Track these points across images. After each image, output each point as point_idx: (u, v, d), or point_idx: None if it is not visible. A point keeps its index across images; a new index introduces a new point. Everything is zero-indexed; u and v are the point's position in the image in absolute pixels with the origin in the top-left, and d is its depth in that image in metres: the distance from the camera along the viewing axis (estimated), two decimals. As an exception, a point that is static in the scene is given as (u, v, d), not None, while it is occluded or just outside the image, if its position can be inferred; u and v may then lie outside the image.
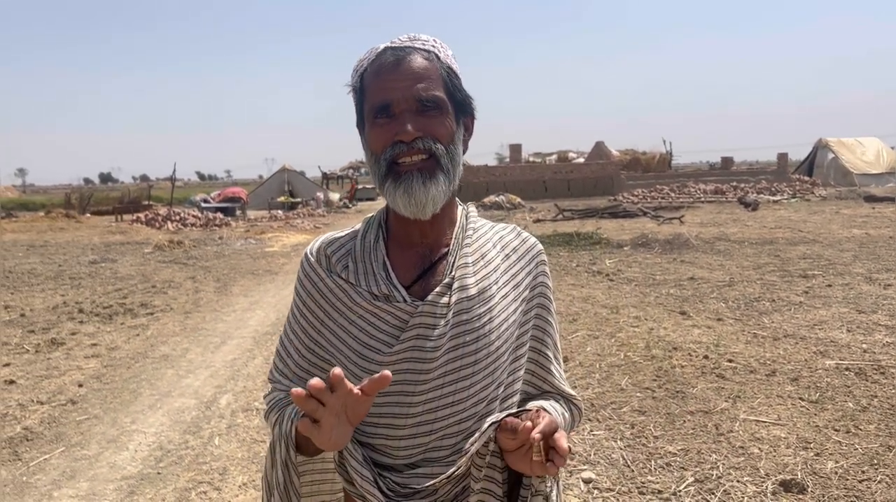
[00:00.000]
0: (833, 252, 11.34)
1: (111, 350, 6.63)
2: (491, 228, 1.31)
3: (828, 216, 18.00)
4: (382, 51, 1.18)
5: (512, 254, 1.28)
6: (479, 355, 1.18)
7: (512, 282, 1.26)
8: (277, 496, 1.20)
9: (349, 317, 1.21)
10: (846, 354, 5.53)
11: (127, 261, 13.42)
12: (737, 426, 4.13)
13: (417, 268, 1.23)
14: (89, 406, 5.07)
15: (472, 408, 1.19)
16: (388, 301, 1.19)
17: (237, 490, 3.68)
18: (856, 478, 3.40)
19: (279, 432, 1.18)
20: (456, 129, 1.19)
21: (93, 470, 3.99)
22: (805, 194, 25.80)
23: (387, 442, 1.20)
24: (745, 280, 9.13)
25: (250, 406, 4.96)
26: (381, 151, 1.16)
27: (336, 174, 43.80)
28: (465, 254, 1.22)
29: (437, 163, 1.15)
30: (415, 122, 1.13)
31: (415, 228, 1.23)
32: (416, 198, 1.14)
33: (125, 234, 19.21)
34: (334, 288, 1.23)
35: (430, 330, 1.16)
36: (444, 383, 1.17)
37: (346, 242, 1.28)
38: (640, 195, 27.68)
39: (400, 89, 1.14)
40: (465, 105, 1.22)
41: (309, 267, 1.27)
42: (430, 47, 1.19)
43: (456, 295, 1.17)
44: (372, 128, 1.18)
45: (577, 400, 1.33)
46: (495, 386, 1.21)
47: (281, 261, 13.33)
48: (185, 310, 8.50)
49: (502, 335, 1.21)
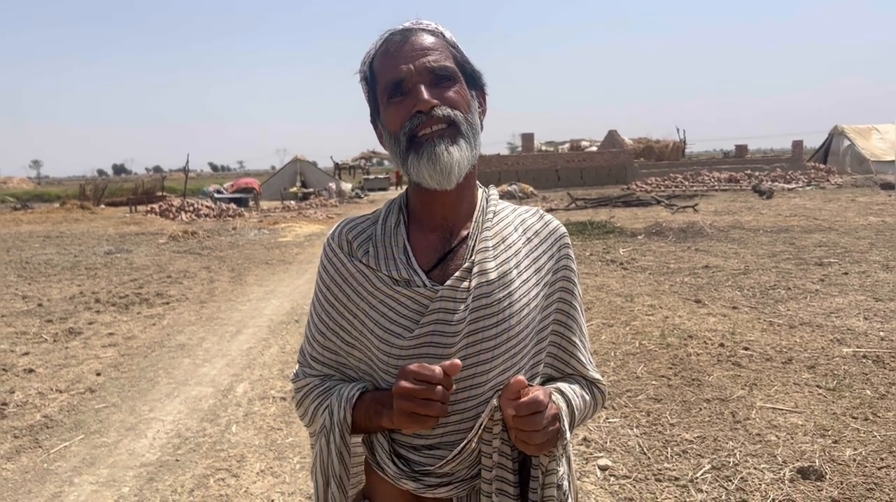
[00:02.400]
0: (849, 240, 11.25)
1: (128, 339, 6.68)
2: (513, 211, 1.31)
3: (843, 204, 17.84)
4: (388, 34, 1.20)
5: (534, 237, 1.28)
6: (499, 339, 1.18)
7: (534, 265, 1.25)
8: (335, 485, 1.21)
9: (370, 301, 1.21)
10: (863, 342, 5.49)
11: (142, 251, 13.50)
12: (753, 414, 4.12)
13: (438, 252, 1.23)
14: (107, 394, 5.11)
15: (490, 392, 1.18)
16: (409, 285, 1.19)
17: (255, 476, 3.70)
18: (874, 466, 3.38)
19: (332, 420, 1.19)
20: (472, 99, 1.20)
21: (112, 457, 4.03)
22: (820, 182, 25.59)
23: None
24: (761, 268, 9.08)
25: (266, 394, 4.99)
26: (399, 128, 1.16)
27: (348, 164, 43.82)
28: (486, 238, 1.22)
29: (457, 130, 1.15)
30: (430, 92, 1.14)
31: (436, 209, 1.23)
32: (441, 164, 1.13)
33: (139, 225, 19.32)
34: (356, 272, 1.23)
35: (450, 314, 1.16)
36: (464, 366, 1.17)
37: (367, 227, 1.28)
38: (654, 183, 27.53)
39: (410, 62, 1.15)
40: (475, 78, 1.23)
41: (331, 251, 1.28)
42: (434, 28, 1.21)
43: (476, 279, 1.17)
44: (388, 108, 1.18)
45: (601, 385, 1.33)
46: (515, 369, 1.20)
47: (294, 250, 13.37)
48: (201, 300, 8.56)
49: (524, 320, 1.20)
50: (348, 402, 1.18)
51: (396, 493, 1.21)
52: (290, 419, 4.49)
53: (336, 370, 1.29)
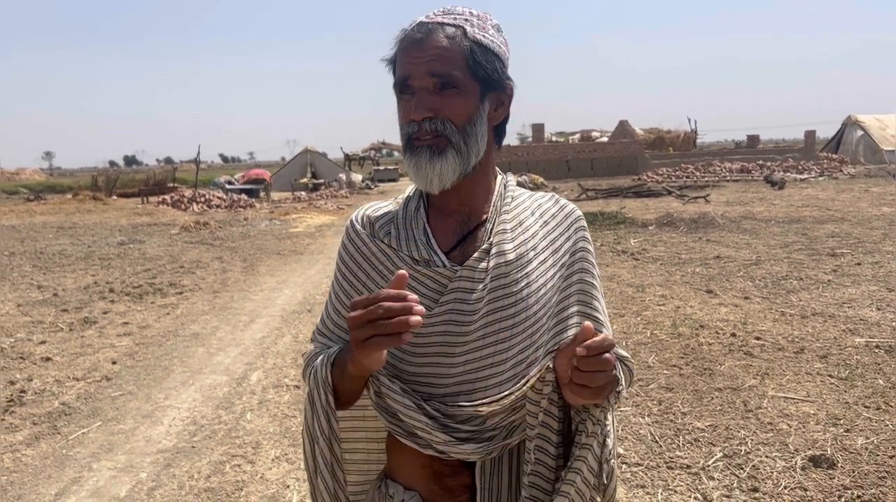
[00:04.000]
0: (862, 230, 11.19)
1: (142, 328, 6.75)
2: (529, 197, 1.34)
3: (856, 194, 17.72)
4: (414, 25, 1.21)
5: (550, 220, 1.31)
6: (518, 319, 1.21)
7: (550, 247, 1.28)
8: (323, 443, 1.21)
9: (390, 279, 1.24)
10: (876, 332, 5.48)
11: (154, 241, 13.59)
12: (765, 403, 4.13)
13: (457, 235, 1.26)
14: (123, 382, 5.18)
15: (511, 370, 1.21)
16: (428, 265, 1.22)
17: (270, 463, 3.75)
18: (886, 454, 3.39)
19: (315, 380, 1.20)
20: (477, 108, 1.20)
21: (129, 444, 4.09)
22: (833, 172, 25.42)
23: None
24: (772, 259, 9.06)
25: (280, 382, 5.04)
26: (404, 125, 1.22)
27: (358, 155, 43.86)
28: (504, 221, 1.25)
29: (448, 142, 1.18)
30: (429, 101, 1.16)
31: (452, 197, 1.26)
32: (422, 173, 1.19)
33: (151, 216, 19.42)
34: (377, 252, 1.27)
35: (468, 293, 1.20)
36: (484, 345, 1.20)
37: (389, 210, 1.32)
38: (665, 174, 27.43)
39: (416, 66, 1.17)
40: (491, 81, 1.21)
41: (353, 231, 1.32)
42: (459, 22, 1.20)
43: (494, 260, 1.21)
44: (398, 102, 1.23)
45: (629, 362, 1.35)
46: (534, 348, 1.23)
47: (306, 241, 13.43)
48: (214, 290, 8.62)
49: (541, 300, 1.24)
50: (328, 358, 1.20)
51: (419, 466, 1.24)
52: (304, 407, 4.54)
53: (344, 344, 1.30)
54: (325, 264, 10.47)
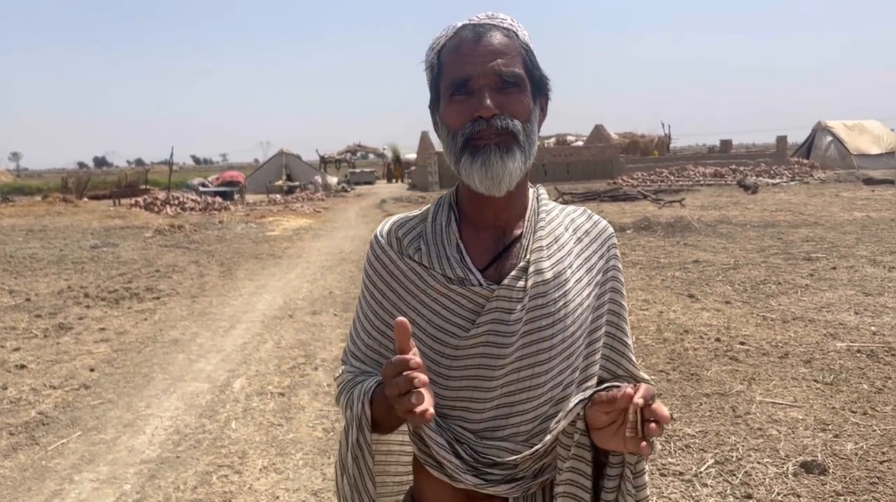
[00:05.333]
0: (835, 235, 11.35)
1: (120, 334, 6.62)
2: (561, 211, 1.30)
3: (828, 199, 18.00)
4: (461, 27, 1.18)
5: (584, 237, 1.27)
6: (555, 340, 1.17)
7: (585, 265, 1.24)
8: (346, 479, 1.20)
9: (422, 299, 1.20)
10: (856, 336, 5.54)
11: (128, 245, 13.37)
12: (754, 408, 4.15)
13: (491, 251, 1.21)
14: (102, 390, 5.06)
15: (548, 393, 1.18)
16: (463, 284, 1.17)
17: (258, 473, 3.68)
18: (876, 460, 3.42)
19: (352, 414, 1.17)
20: (533, 108, 1.18)
21: (111, 454, 3.99)
22: (804, 177, 25.81)
23: (464, 426, 1.19)
24: (750, 263, 9.14)
25: (265, 390, 4.96)
26: (458, 128, 1.15)
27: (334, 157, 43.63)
28: (540, 238, 1.21)
29: (514, 140, 1.14)
30: (494, 98, 1.12)
31: (488, 209, 1.21)
32: (493, 172, 1.12)
33: (124, 219, 19.12)
34: (406, 270, 1.22)
35: (507, 314, 1.15)
36: (521, 367, 1.16)
37: (416, 224, 1.27)
38: (640, 178, 27.65)
39: (479, 64, 1.12)
40: (541, 84, 1.20)
41: (379, 249, 1.26)
42: (508, 25, 1.18)
43: (532, 279, 1.16)
44: (449, 105, 1.17)
45: (651, 385, 1.32)
46: (570, 370, 1.20)
47: (284, 245, 13.30)
48: (192, 295, 8.49)
49: (577, 320, 1.20)
50: (366, 395, 1.16)
51: (449, 493, 1.20)
52: (290, 415, 4.47)
53: (377, 369, 1.27)
54: (304, 268, 10.38)
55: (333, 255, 11.64)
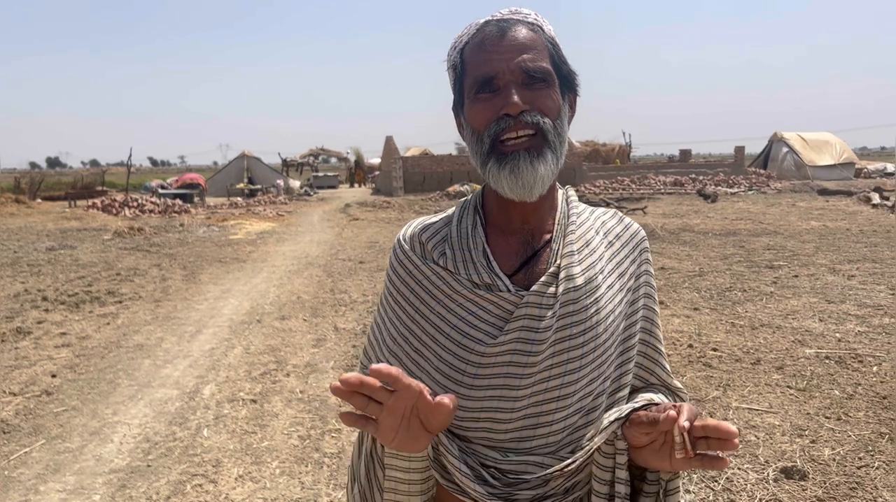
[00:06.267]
0: (795, 243, 11.60)
1: (82, 339, 6.42)
2: (591, 213, 1.26)
3: (785, 208, 18.40)
4: (484, 23, 1.13)
5: (615, 241, 1.23)
6: (587, 348, 1.13)
7: (617, 270, 1.20)
8: (357, 488, 1.16)
9: (448, 305, 1.15)
10: (823, 343, 5.64)
11: (87, 247, 13.03)
12: (730, 414, 4.18)
13: (519, 256, 1.17)
14: (66, 397, 4.89)
15: (578, 403, 1.14)
16: (490, 290, 1.13)
17: (234, 482, 3.58)
18: (854, 465, 3.47)
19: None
20: (562, 104, 1.13)
21: (78, 464, 3.85)
22: (761, 187, 26.35)
23: (489, 436, 1.14)
24: (715, 270, 9.28)
25: (236, 396, 4.85)
26: (483, 128, 1.10)
27: (296, 161, 43.23)
28: (570, 242, 1.17)
29: (544, 140, 1.09)
30: (521, 94, 1.07)
31: (516, 213, 1.17)
32: (523, 179, 1.07)
33: (81, 221, 18.64)
34: (431, 275, 1.17)
35: (537, 321, 1.10)
36: (551, 376, 1.12)
37: (440, 228, 1.22)
38: (602, 186, 27.94)
39: (505, 60, 1.08)
40: (570, 80, 1.16)
41: (402, 254, 1.21)
42: (532, 19, 1.14)
43: (563, 285, 1.12)
44: (474, 104, 1.11)
45: (684, 393, 1.29)
46: (602, 380, 1.16)
47: (247, 248, 13.09)
48: (155, 299, 8.29)
49: (609, 327, 1.16)
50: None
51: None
52: (264, 422, 4.37)
53: None
54: (269, 273, 10.22)
55: (299, 260, 11.49)
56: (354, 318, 7.01)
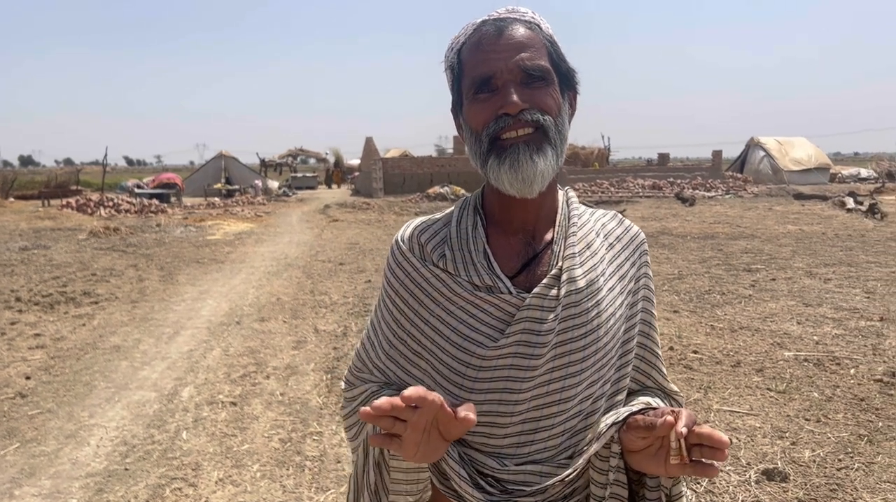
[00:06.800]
0: (772, 247, 11.72)
1: (57, 340, 6.31)
2: (591, 215, 1.25)
3: (761, 212, 18.61)
4: (481, 23, 1.12)
5: (616, 243, 1.22)
6: (588, 351, 1.12)
7: (617, 273, 1.19)
8: (367, 497, 1.13)
9: (447, 307, 1.13)
10: (801, 346, 5.70)
11: (61, 247, 12.83)
12: (712, 416, 4.21)
13: (520, 258, 1.16)
14: (41, 399, 4.80)
15: (578, 406, 1.13)
16: (492, 292, 1.11)
17: (214, 486, 3.53)
18: (833, 466, 3.50)
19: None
20: (562, 103, 1.12)
21: (54, 467, 3.78)
22: (738, 191, 26.62)
23: (488, 441, 1.13)
24: (693, 273, 9.34)
25: (215, 399, 4.78)
26: (482, 128, 1.09)
27: (275, 161, 42.96)
28: (572, 244, 1.15)
29: (544, 136, 1.08)
30: (520, 93, 1.06)
31: (516, 213, 1.15)
32: (523, 173, 1.06)
33: (55, 220, 18.35)
34: (430, 277, 1.15)
35: (539, 324, 1.09)
36: (551, 380, 1.11)
37: (439, 229, 1.20)
38: (581, 189, 28.07)
39: (503, 59, 1.07)
40: (569, 77, 1.14)
41: (401, 255, 1.19)
42: (530, 18, 1.13)
43: (565, 287, 1.11)
44: (472, 104, 1.10)
45: (680, 397, 1.28)
46: (602, 383, 1.15)
47: (226, 249, 12.97)
48: (132, 300, 8.17)
49: (610, 330, 1.15)
50: None
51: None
52: (244, 425, 4.32)
53: (397, 380, 1.20)
54: (248, 274, 10.13)
55: (278, 261, 11.40)
56: (335, 320, 6.97)
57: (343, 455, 3.86)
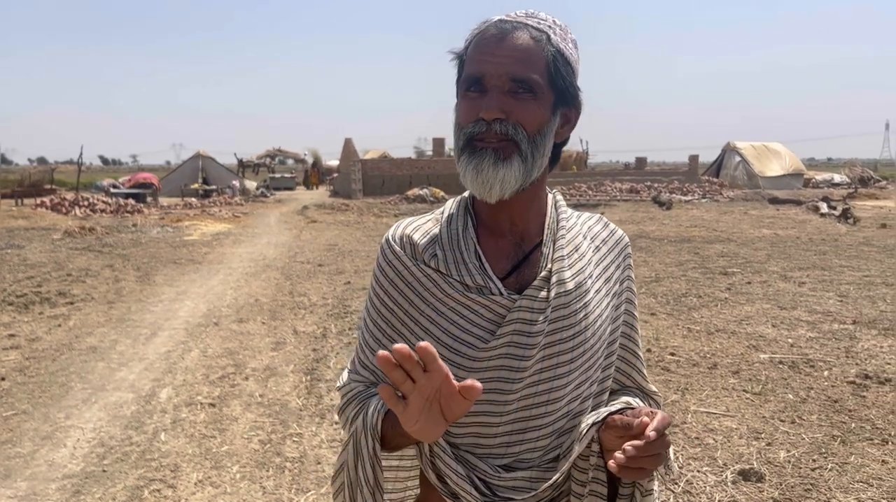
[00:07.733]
0: (748, 250, 11.87)
1: (32, 341, 6.23)
2: (578, 218, 1.27)
3: (737, 216, 18.84)
4: (491, 24, 1.12)
5: (602, 246, 1.25)
6: (576, 353, 1.14)
7: (604, 275, 1.22)
8: (368, 492, 1.13)
9: (438, 308, 1.14)
10: (776, 348, 5.78)
11: (35, 247, 12.66)
12: (689, 417, 4.26)
13: (511, 259, 1.17)
14: (15, 400, 4.74)
15: (566, 407, 1.15)
16: (483, 293, 1.13)
17: (193, 487, 3.51)
18: (808, 467, 3.56)
19: (364, 425, 1.11)
20: (549, 119, 1.11)
21: (29, 469, 3.73)
22: (714, 195, 26.92)
23: (478, 441, 1.15)
24: (670, 276, 9.44)
25: (193, 400, 4.75)
26: (465, 124, 1.11)
27: (253, 162, 42.70)
28: (561, 247, 1.17)
29: (515, 148, 1.08)
30: (504, 102, 1.07)
31: (503, 214, 1.17)
32: (482, 177, 1.08)
33: (29, 220, 18.09)
34: (421, 277, 1.16)
35: (529, 325, 1.11)
36: (540, 380, 1.13)
37: (430, 229, 1.21)
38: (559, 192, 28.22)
39: (494, 65, 1.07)
40: (566, 94, 1.13)
41: (392, 254, 1.20)
42: (543, 27, 1.11)
43: (554, 289, 1.13)
44: (462, 100, 1.12)
45: (658, 397, 1.31)
46: (588, 383, 1.17)
47: (203, 250, 12.87)
48: (108, 300, 8.09)
49: (597, 332, 1.17)
50: (384, 408, 1.11)
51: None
52: (223, 426, 4.30)
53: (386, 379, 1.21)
54: (226, 275, 10.07)
55: (257, 262, 11.34)
56: (314, 321, 6.95)
57: (323, 456, 3.85)
